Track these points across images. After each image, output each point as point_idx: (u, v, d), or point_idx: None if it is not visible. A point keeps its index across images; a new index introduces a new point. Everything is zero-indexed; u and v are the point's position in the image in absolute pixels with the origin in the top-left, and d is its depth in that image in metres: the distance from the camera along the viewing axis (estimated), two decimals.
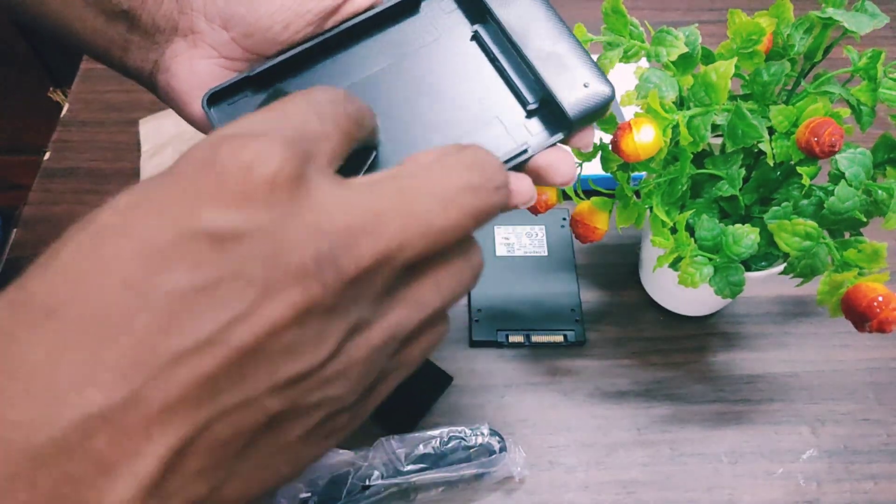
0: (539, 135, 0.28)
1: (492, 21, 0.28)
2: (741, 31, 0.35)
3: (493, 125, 0.28)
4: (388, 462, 0.40)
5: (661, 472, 0.43)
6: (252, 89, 0.29)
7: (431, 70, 0.29)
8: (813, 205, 0.36)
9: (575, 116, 0.27)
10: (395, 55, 0.29)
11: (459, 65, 0.29)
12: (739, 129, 0.35)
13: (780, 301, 0.50)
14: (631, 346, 0.48)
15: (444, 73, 0.29)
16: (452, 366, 0.47)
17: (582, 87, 0.27)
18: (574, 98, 0.27)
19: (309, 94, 0.20)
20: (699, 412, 0.45)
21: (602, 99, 0.27)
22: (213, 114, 0.28)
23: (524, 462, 0.42)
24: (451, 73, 0.29)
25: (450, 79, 0.29)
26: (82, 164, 0.56)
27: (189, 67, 0.29)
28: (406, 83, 0.29)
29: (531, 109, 0.28)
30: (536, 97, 0.28)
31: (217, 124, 0.28)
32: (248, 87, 0.28)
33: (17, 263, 0.51)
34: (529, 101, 0.28)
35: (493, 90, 0.29)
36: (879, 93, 0.35)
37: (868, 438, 0.45)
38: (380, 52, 0.29)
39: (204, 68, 0.29)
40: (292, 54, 0.28)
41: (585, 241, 0.40)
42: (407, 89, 0.29)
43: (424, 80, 0.29)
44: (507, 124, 0.28)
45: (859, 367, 0.48)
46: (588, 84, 0.27)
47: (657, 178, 0.38)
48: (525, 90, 0.28)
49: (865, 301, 0.31)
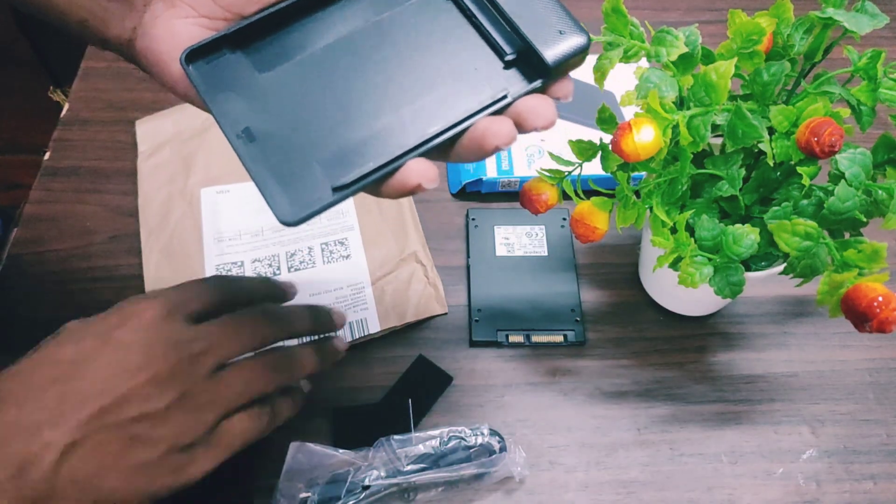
0: (518, 83, 0.28)
1: None
2: (741, 31, 0.35)
3: (472, 76, 0.29)
4: (388, 462, 0.40)
5: (660, 472, 0.43)
6: (230, 48, 0.29)
7: (410, 27, 0.29)
8: (813, 205, 0.36)
9: (553, 62, 0.27)
10: (372, 14, 0.30)
11: (437, 22, 0.30)
12: (739, 129, 0.35)
13: (780, 301, 0.50)
14: (631, 346, 0.48)
15: (422, 30, 0.29)
16: (452, 366, 0.47)
17: (558, 34, 0.28)
18: (551, 46, 0.28)
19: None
20: (699, 412, 0.45)
21: (578, 46, 0.28)
22: (192, 71, 0.28)
23: (524, 462, 0.42)
24: (428, 30, 0.29)
25: (428, 35, 0.29)
26: (82, 163, 0.56)
27: (168, 29, 0.29)
28: (385, 41, 0.29)
29: (509, 60, 0.29)
30: (514, 48, 0.29)
31: (196, 82, 0.28)
32: (226, 45, 0.29)
33: (18, 262, 0.51)
34: (507, 52, 0.29)
35: (471, 44, 0.29)
36: (879, 93, 0.35)
37: (868, 438, 0.45)
38: (358, 11, 0.30)
39: (183, 29, 0.29)
40: (270, 13, 0.29)
41: (585, 241, 0.40)
42: (386, 47, 0.29)
43: (403, 37, 0.29)
44: (486, 75, 0.29)
45: (859, 368, 0.48)
46: (564, 32, 0.28)
47: (657, 178, 0.38)
48: (502, 42, 0.29)
49: (865, 301, 0.31)
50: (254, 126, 0.27)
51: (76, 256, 0.51)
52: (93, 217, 0.53)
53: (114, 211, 0.53)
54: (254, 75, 0.29)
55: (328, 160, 0.27)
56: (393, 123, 0.27)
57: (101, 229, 0.52)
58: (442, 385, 0.46)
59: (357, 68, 0.28)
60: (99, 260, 0.51)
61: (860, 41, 0.35)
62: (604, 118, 0.39)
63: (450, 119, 0.27)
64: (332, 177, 0.26)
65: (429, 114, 0.28)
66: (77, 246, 0.52)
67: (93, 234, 0.52)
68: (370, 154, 0.27)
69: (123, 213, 0.53)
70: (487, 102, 0.27)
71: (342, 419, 0.44)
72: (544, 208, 0.39)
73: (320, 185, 0.26)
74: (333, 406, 0.44)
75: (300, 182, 0.26)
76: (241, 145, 0.27)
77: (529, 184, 0.40)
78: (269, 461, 0.42)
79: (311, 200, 0.26)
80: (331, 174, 0.26)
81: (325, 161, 0.27)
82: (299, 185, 0.26)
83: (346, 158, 0.27)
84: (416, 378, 0.46)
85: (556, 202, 0.39)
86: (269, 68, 0.29)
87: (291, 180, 0.26)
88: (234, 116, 0.28)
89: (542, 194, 0.39)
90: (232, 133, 0.27)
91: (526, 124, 0.28)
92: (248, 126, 0.27)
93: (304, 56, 0.29)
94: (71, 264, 0.51)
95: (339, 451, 0.40)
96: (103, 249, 0.51)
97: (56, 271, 0.50)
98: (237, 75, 0.29)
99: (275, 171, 0.26)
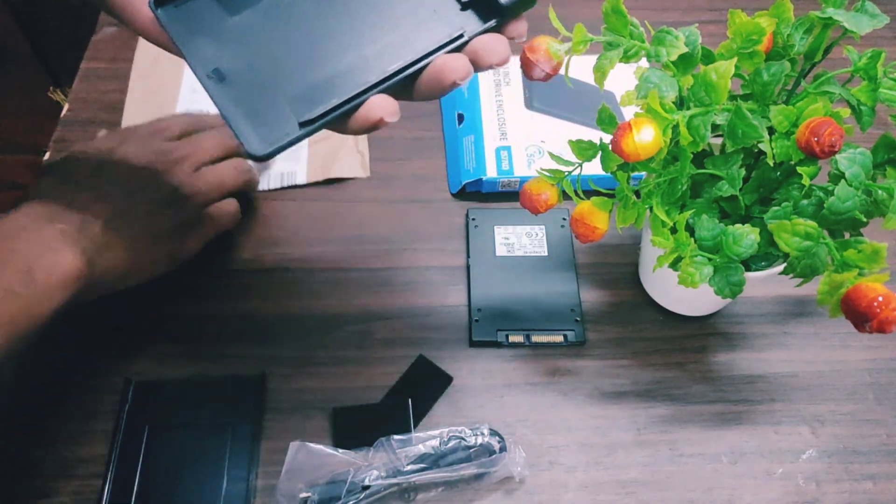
0: (474, 23, 0.30)
1: None
2: (741, 31, 0.35)
3: (430, 18, 0.30)
4: (388, 462, 0.40)
5: (660, 472, 0.43)
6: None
7: None
8: (813, 205, 0.36)
9: (507, 2, 0.29)
10: None
11: None
12: (739, 129, 0.35)
13: (780, 301, 0.50)
14: (631, 346, 0.48)
15: None
16: (452, 366, 0.47)
17: None
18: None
19: None
20: (699, 412, 0.45)
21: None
22: (161, 14, 0.29)
23: (524, 462, 0.42)
24: None
25: None
26: None
27: None
28: None
29: (465, 2, 0.30)
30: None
31: (166, 25, 0.29)
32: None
33: None
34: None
35: None
36: (879, 93, 0.35)
37: (868, 439, 0.45)
38: None
39: None
40: None
41: (585, 241, 0.40)
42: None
43: None
44: (443, 16, 0.30)
45: (859, 368, 0.48)
46: None
47: (657, 177, 0.38)
48: None
49: (865, 301, 0.31)
50: (223, 66, 0.29)
51: None
52: None
53: None
54: (222, 18, 0.30)
55: (295, 97, 0.28)
56: (356, 62, 0.29)
57: None
58: (442, 385, 0.46)
59: (322, 9, 0.30)
60: None
61: (860, 41, 0.35)
62: (604, 118, 0.39)
63: (409, 57, 0.29)
64: (298, 113, 0.28)
65: (389, 52, 0.29)
66: None
67: None
68: (335, 91, 0.28)
69: None
70: (445, 41, 0.29)
71: (342, 419, 0.44)
72: (544, 208, 0.39)
73: (288, 121, 0.28)
74: (333, 406, 0.44)
75: (269, 118, 0.28)
76: (212, 85, 0.28)
77: (529, 184, 0.40)
78: (270, 461, 0.42)
79: (280, 135, 0.27)
80: (297, 110, 0.28)
81: (293, 98, 0.28)
82: (268, 121, 0.28)
83: (313, 95, 0.28)
84: (416, 378, 0.46)
85: (556, 202, 0.39)
86: (236, 11, 0.30)
87: (260, 117, 0.28)
88: (204, 57, 0.29)
89: (542, 194, 0.39)
90: (202, 73, 0.29)
91: (482, 61, 0.30)
92: (217, 67, 0.29)
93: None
94: None
95: (339, 451, 0.40)
96: None
97: None
98: (205, 18, 0.30)
99: (244, 109, 0.28)
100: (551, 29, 0.35)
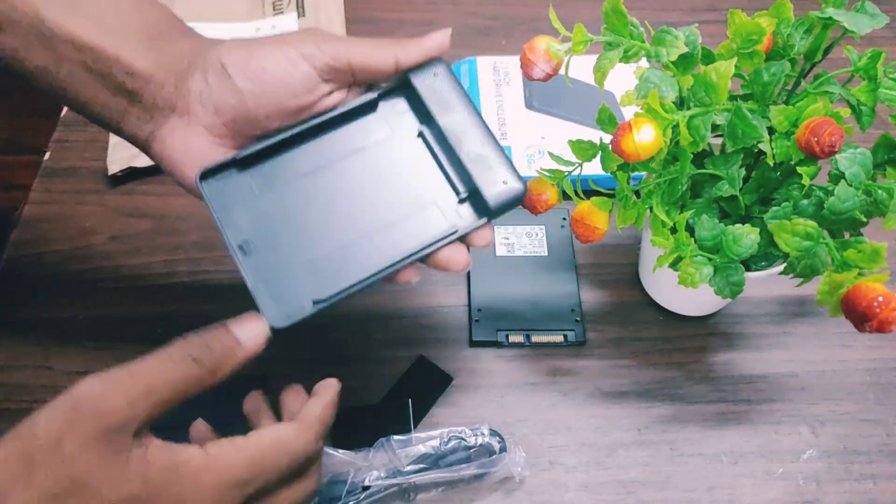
0: (467, 218, 0.35)
1: (434, 123, 0.35)
2: (741, 31, 0.35)
3: (431, 208, 0.35)
4: (388, 462, 0.40)
5: (660, 472, 0.43)
6: (237, 168, 0.34)
7: (384, 160, 0.35)
8: (813, 205, 0.36)
9: (495, 208, 0.34)
10: (355, 146, 0.35)
11: (407, 156, 0.35)
12: (739, 129, 0.35)
13: (780, 301, 0.50)
14: (631, 346, 0.48)
15: (395, 162, 0.35)
16: (452, 366, 0.47)
17: (501, 183, 0.34)
18: (495, 192, 0.34)
19: None
20: (699, 412, 0.45)
21: (517, 193, 0.34)
22: (205, 188, 0.33)
23: (524, 462, 0.42)
24: (399, 163, 0.35)
25: (399, 167, 0.35)
26: (83, 164, 0.56)
27: (183, 141, 0.34)
28: (362, 170, 0.35)
29: (462, 198, 0.35)
30: (466, 188, 0.35)
31: (207, 198, 0.33)
32: (234, 166, 0.34)
33: (17, 263, 0.51)
34: (461, 190, 0.35)
35: (433, 179, 0.35)
36: (879, 93, 0.35)
37: (868, 439, 0.45)
38: (343, 143, 0.35)
39: (195, 142, 0.34)
40: (271, 143, 0.34)
41: (585, 241, 0.40)
42: (363, 175, 0.35)
43: (378, 167, 0.35)
44: (442, 208, 0.35)
45: (859, 368, 0.47)
46: (506, 181, 0.34)
47: (657, 178, 0.38)
48: (458, 181, 0.35)
49: (865, 301, 0.31)
50: (251, 239, 0.33)
51: (76, 258, 0.51)
52: (92, 218, 0.53)
53: (114, 212, 0.53)
54: (253, 194, 0.34)
55: (313, 274, 0.32)
56: (367, 246, 0.33)
57: (100, 230, 0.52)
58: (442, 385, 0.46)
59: (340, 193, 0.34)
60: (99, 261, 0.51)
61: (860, 41, 0.35)
62: (604, 118, 0.39)
63: (412, 245, 0.33)
64: (314, 290, 0.32)
65: (395, 241, 0.33)
66: (77, 247, 0.52)
67: (93, 235, 0.52)
68: (347, 274, 0.32)
69: (123, 214, 0.53)
70: (442, 236, 0.33)
71: (342, 419, 0.44)
72: (544, 208, 0.39)
73: (305, 297, 0.32)
74: None
75: (287, 293, 0.32)
76: (241, 256, 0.32)
77: (530, 184, 0.40)
78: None
79: (295, 310, 0.31)
80: (313, 288, 0.32)
81: (310, 274, 0.32)
82: (286, 296, 0.32)
83: (327, 275, 0.32)
84: (416, 378, 0.46)
85: (556, 202, 0.39)
86: (266, 189, 0.34)
87: (280, 290, 0.32)
88: (236, 229, 0.33)
89: (543, 194, 0.39)
90: (234, 244, 0.32)
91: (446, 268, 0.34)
92: (246, 238, 0.33)
93: (295, 179, 0.34)
94: (70, 266, 0.51)
95: (339, 451, 0.40)
96: (103, 251, 0.51)
97: (55, 273, 0.50)
98: (240, 193, 0.34)
99: (267, 281, 0.32)
100: (552, 29, 0.35)
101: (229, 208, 0.33)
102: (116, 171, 0.54)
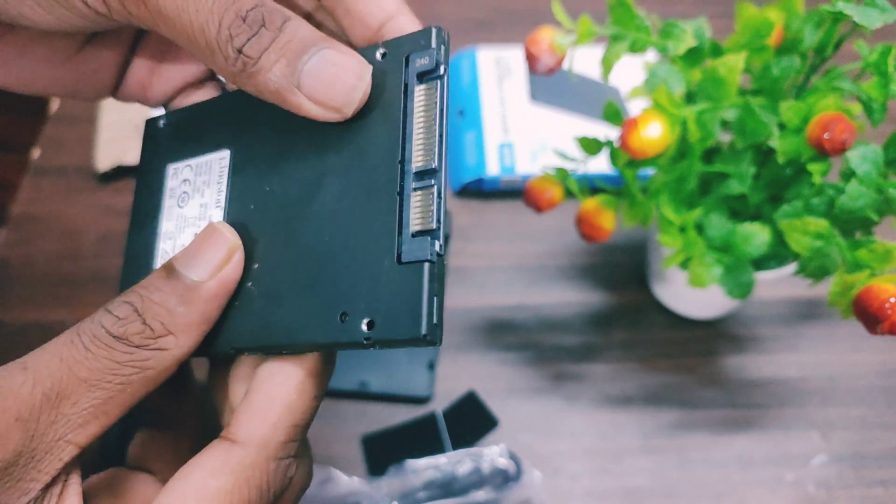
0: None
1: None
2: (749, 24, 0.35)
3: None
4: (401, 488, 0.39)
5: (668, 478, 0.42)
6: None
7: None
8: (824, 203, 0.35)
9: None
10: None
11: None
12: (749, 125, 0.34)
13: (791, 303, 0.49)
14: (637, 350, 0.47)
15: None
16: (453, 366, 0.46)
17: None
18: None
19: None
20: (708, 417, 0.44)
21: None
22: None
23: (541, 484, 0.40)
24: None
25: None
26: (73, 161, 0.55)
27: None
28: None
29: None
30: None
31: None
32: None
33: (5, 263, 0.50)
34: None
35: None
36: (891, 88, 0.34)
37: (879, 443, 0.44)
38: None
39: None
40: None
41: (591, 241, 0.39)
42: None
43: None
44: None
45: (871, 371, 0.47)
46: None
47: (665, 175, 0.37)
48: None
49: (877, 302, 0.30)
50: None
51: (66, 257, 0.50)
52: (83, 217, 0.52)
53: (104, 210, 0.52)
54: None
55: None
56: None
57: (91, 229, 0.51)
58: (486, 427, 0.44)
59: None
60: (89, 261, 0.50)
61: (871, 35, 0.34)
62: (610, 113, 0.38)
63: None
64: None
65: None
66: (66, 246, 0.51)
67: (83, 234, 0.51)
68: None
69: (114, 213, 0.52)
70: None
71: (372, 446, 0.42)
72: (548, 206, 0.39)
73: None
74: (362, 434, 0.43)
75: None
76: None
77: (533, 181, 0.39)
78: None
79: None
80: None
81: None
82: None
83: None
84: (461, 414, 0.44)
85: (560, 200, 0.39)
86: None
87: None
88: None
89: (547, 192, 0.38)
90: None
91: None
92: None
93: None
94: (60, 265, 0.50)
95: (353, 478, 0.39)
96: (93, 250, 0.50)
97: (45, 272, 0.49)
98: None
99: None
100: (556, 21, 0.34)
101: None
102: (106, 169, 0.53)
